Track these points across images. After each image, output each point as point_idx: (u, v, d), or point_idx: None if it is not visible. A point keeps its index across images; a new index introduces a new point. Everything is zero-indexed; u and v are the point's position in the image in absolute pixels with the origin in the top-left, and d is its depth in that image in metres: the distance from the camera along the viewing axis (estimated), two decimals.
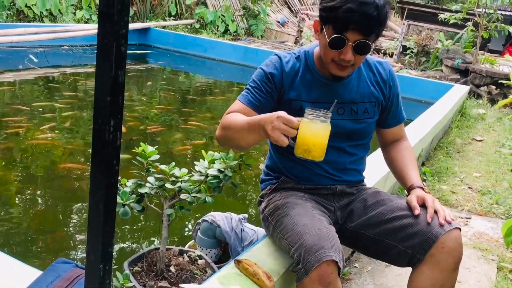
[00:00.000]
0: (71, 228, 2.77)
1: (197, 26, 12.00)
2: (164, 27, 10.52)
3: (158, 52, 9.47)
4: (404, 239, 1.58)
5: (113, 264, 1.06)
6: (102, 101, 0.92)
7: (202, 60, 9.45)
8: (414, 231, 1.56)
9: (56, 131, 4.33)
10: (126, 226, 2.71)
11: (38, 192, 3.20)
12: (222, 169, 1.65)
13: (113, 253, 1.05)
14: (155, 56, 9.28)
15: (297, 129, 1.33)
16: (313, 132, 1.32)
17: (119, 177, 1.80)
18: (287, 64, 1.69)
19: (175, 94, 6.74)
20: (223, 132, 1.58)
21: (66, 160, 3.73)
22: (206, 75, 8.86)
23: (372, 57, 1.81)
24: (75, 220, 2.86)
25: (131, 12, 10.95)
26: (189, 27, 11.84)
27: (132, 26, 8.88)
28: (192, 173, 1.77)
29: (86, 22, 9.82)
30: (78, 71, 7.25)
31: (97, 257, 1.00)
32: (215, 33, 12.05)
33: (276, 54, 1.75)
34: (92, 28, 8.37)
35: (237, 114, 1.57)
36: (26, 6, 8.91)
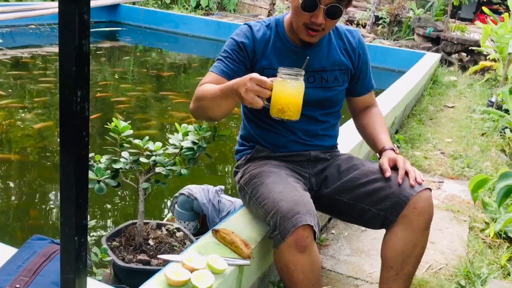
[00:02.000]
0: (44, 205, 2.75)
1: (168, 1, 11.76)
2: (134, 3, 10.27)
3: (129, 29, 9.27)
4: (377, 202, 1.62)
5: (91, 241, 1.06)
6: (67, 72, 0.91)
7: (174, 36, 9.30)
8: (386, 193, 1.60)
9: (27, 112, 4.23)
10: (102, 202, 2.70)
11: (11, 172, 3.15)
12: (196, 141, 1.65)
13: (91, 230, 1.05)
14: (126, 33, 9.08)
15: (271, 90, 1.33)
16: (287, 91, 1.32)
17: (93, 154, 1.79)
18: (258, 32, 1.69)
19: (148, 72, 6.64)
20: (196, 104, 1.58)
21: (37, 139, 3.66)
22: (179, 51, 8.74)
23: (342, 26, 1.81)
24: (47, 197, 2.84)
25: None
26: (159, 2, 11.59)
27: (100, 2, 8.65)
28: (167, 146, 1.77)
29: (53, 0, 9.50)
30: (47, 51, 7.06)
31: (71, 229, 0.99)
32: (187, 8, 11.84)
33: (246, 24, 1.74)
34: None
35: (210, 85, 1.57)
36: None
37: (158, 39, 9.23)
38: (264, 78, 1.35)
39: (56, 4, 8.29)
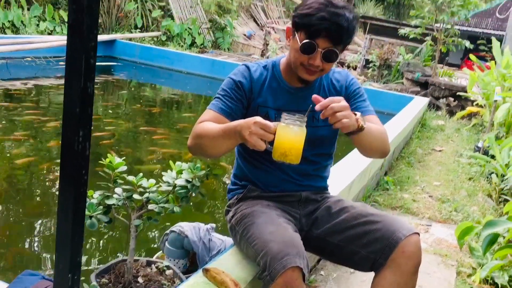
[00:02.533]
0: (36, 241, 2.72)
1: (164, 38, 11.98)
2: (130, 39, 10.46)
3: (124, 64, 9.40)
4: (367, 244, 1.64)
5: (80, 276, 1.06)
6: (71, 112, 0.94)
7: (169, 72, 9.44)
8: (376, 236, 1.63)
9: (18, 144, 4.24)
10: (93, 237, 2.69)
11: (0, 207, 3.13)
12: (190, 179, 1.68)
13: (81, 265, 1.06)
14: (121, 68, 9.20)
15: (274, 134, 1.38)
16: (290, 136, 1.38)
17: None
18: (255, 72, 1.76)
19: (141, 107, 6.71)
20: (196, 141, 1.61)
21: (28, 174, 3.66)
22: (173, 87, 8.85)
23: (332, 67, 1.87)
24: (40, 234, 2.81)
25: None
26: (155, 39, 11.80)
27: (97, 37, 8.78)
28: (160, 183, 1.79)
29: (49, 34, 9.65)
30: (41, 83, 7.11)
31: (65, 266, 1.01)
32: (182, 46, 12.06)
33: (244, 64, 1.81)
34: (56, 40, 8.25)
35: (210, 123, 1.61)
36: None
37: (153, 75, 9.37)
38: (268, 122, 1.40)
39: (52, 38, 8.44)
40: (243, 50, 14.03)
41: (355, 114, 1.54)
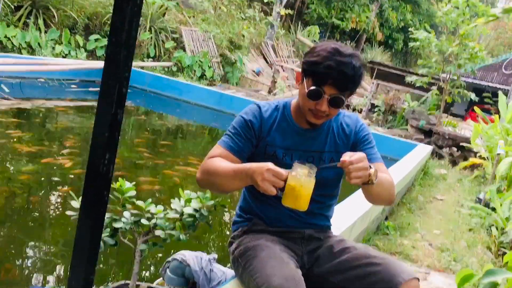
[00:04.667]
0: (42, 259, 2.75)
1: (175, 69, 12.20)
2: (142, 67, 10.66)
3: (134, 92, 9.55)
4: (367, 286, 1.66)
5: None
6: (100, 136, 1.00)
7: (177, 102, 9.58)
8: (376, 279, 1.65)
9: (19, 164, 4.29)
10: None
11: None
12: (198, 209, 1.72)
13: (93, 284, 1.10)
14: (130, 95, 9.29)
15: (285, 181, 1.45)
16: (300, 187, 1.45)
17: None
18: (266, 112, 1.82)
19: (147, 135, 6.79)
20: (205, 177, 1.67)
21: (29, 194, 3.69)
22: (180, 117, 8.96)
23: (342, 111, 1.93)
24: (44, 253, 2.84)
25: None
26: (166, 69, 12.02)
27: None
28: (168, 211, 1.83)
29: (64, 57, 9.86)
30: (52, 104, 7.23)
31: (79, 284, 1.04)
32: (192, 77, 12.27)
33: (255, 103, 1.87)
34: (71, 64, 8.44)
35: (220, 160, 1.66)
36: (5, 37, 8.92)
37: (161, 104, 9.50)
38: (280, 170, 1.47)
39: (67, 61, 8.62)
40: (251, 85, 14.25)
41: (371, 167, 1.57)
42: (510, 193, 3.96)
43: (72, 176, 4.20)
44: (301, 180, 1.45)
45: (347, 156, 1.52)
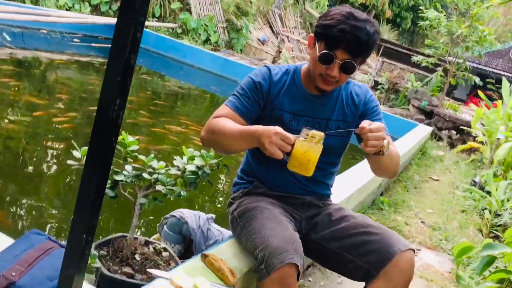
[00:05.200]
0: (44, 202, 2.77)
1: (179, 31, 12.03)
2: (146, 27, 10.50)
3: None
4: (362, 254, 1.68)
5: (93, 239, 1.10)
6: (112, 80, 0.99)
7: (180, 65, 9.49)
8: (372, 248, 1.67)
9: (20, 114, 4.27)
10: None
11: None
12: (201, 166, 1.72)
13: (95, 229, 1.10)
14: None
15: (292, 145, 1.44)
16: (307, 152, 1.44)
17: None
18: (276, 75, 1.79)
19: (146, 95, 6.73)
20: (210, 136, 1.66)
21: (30, 141, 3.69)
22: (182, 80, 8.89)
23: (352, 80, 1.91)
24: (45, 195, 2.86)
25: (115, 8, 10.88)
26: (171, 30, 11.85)
27: (113, 20, 8.84)
28: (170, 167, 1.83)
29: (68, 10, 9.69)
30: (53, 57, 7.15)
31: (82, 227, 1.05)
32: (196, 41, 12.11)
33: (266, 66, 1.85)
34: (74, 17, 8.29)
35: (226, 120, 1.65)
36: None
37: (164, 65, 9.41)
38: (288, 135, 1.45)
39: (70, 14, 8.46)
40: (255, 54, 14.10)
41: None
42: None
43: (63, 129, 4.18)
44: (308, 145, 1.44)
45: (366, 124, 1.50)
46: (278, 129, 1.47)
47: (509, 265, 1.97)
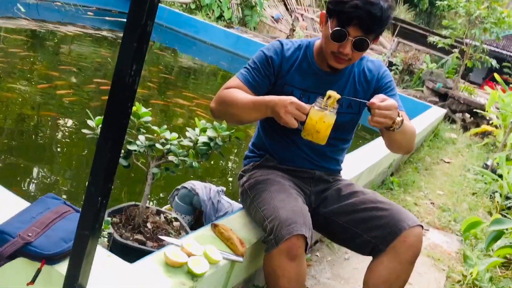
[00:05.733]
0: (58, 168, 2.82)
1: (193, 6, 11.94)
2: (160, 1, 10.44)
3: None
4: (371, 229, 1.70)
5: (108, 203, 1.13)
6: (128, 46, 1.00)
7: (193, 41, 9.45)
8: (380, 223, 1.68)
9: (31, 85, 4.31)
10: None
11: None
12: (213, 138, 1.74)
13: (110, 192, 1.12)
14: None
15: (306, 115, 1.48)
16: (322, 120, 1.48)
17: None
18: (288, 51, 1.79)
19: (159, 70, 6.74)
20: (221, 106, 1.67)
21: (44, 110, 3.73)
22: (195, 56, 8.87)
23: (366, 56, 1.89)
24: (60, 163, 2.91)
25: None
26: (184, 6, 11.77)
27: None
28: (182, 139, 1.85)
29: None
30: (66, 30, 7.16)
31: (97, 189, 1.07)
32: (210, 17, 12.03)
33: (278, 40, 1.84)
34: None
35: (238, 91, 1.66)
36: None
37: (177, 41, 9.37)
38: (303, 104, 1.48)
39: None
40: (269, 32, 13.98)
41: (399, 115, 1.56)
42: None
43: (74, 101, 4.21)
44: (323, 114, 1.47)
45: (377, 99, 1.51)
46: (293, 98, 1.49)
47: None
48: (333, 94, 1.50)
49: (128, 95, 1.02)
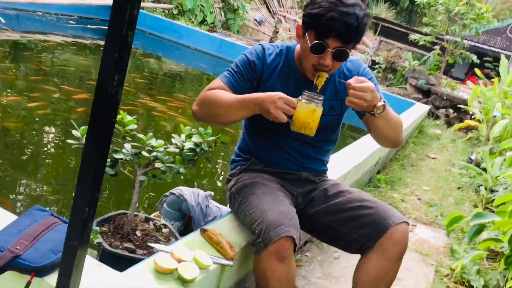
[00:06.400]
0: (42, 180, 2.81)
1: (175, 12, 11.92)
2: (142, 8, 10.41)
3: None
4: (358, 227, 1.73)
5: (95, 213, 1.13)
6: (110, 57, 1.01)
7: (176, 46, 9.44)
8: (367, 221, 1.71)
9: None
10: None
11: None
12: (199, 143, 1.75)
13: (97, 203, 1.13)
14: None
15: (294, 109, 1.53)
16: (310, 112, 1.53)
17: None
18: (270, 56, 1.80)
19: (143, 76, 6.72)
20: (205, 108, 1.67)
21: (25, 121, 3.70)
22: (179, 61, 8.86)
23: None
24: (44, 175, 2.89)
25: None
26: (166, 11, 11.75)
27: (108, 1, 8.77)
28: (168, 145, 1.86)
29: None
30: (48, 39, 7.11)
31: (84, 200, 1.08)
32: (192, 22, 12.03)
33: (261, 44, 1.86)
34: None
35: (221, 91, 1.67)
36: None
37: (160, 47, 9.36)
38: (291, 98, 1.52)
39: None
40: (252, 34, 14.02)
41: (381, 100, 1.60)
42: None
43: (59, 111, 4.20)
44: (310, 106, 1.52)
45: (353, 80, 1.56)
46: (281, 93, 1.53)
47: (499, 234, 2.03)
48: (324, 74, 1.59)
49: (112, 105, 1.03)
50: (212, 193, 2.26)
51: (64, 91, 4.79)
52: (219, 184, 3.62)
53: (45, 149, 3.46)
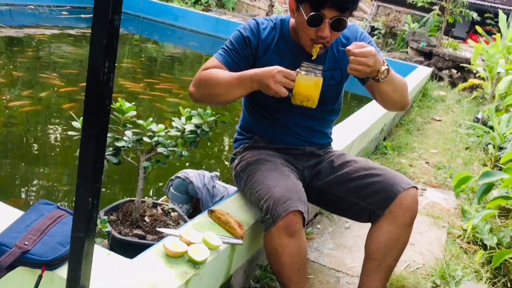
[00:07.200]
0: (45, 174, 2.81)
1: None
2: None
3: (127, 18, 9.28)
4: (366, 196, 1.71)
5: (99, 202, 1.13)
6: (98, 44, 0.98)
7: (172, 28, 9.35)
8: (375, 189, 1.69)
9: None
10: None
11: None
12: (199, 125, 1.73)
13: (100, 192, 1.12)
14: (124, 22, 9.06)
15: (294, 81, 1.49)
16: (310, 83, 1.50)
17: None
18: (264, 31, 1.76)
19: (142, 63, 6.68)
20: (202, 88, 1.64)
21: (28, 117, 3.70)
22: (176, 43, 8.79)
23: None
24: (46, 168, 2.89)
25: None
26: None
27: None
28: (169, 129, 1.84)
29: None
30: (42, 32, 7.05)
31: (86, 191, 1.07)
32: (186, 3, 11.88)
33: (254, 19, 1.81)
34: None
35: (218, 70, 1.64)
36: None
37: (156, 30, 9.27)
38: (290, 71, 1.48)
39: None
40: (247, 10, 13.85)
41: (384, 63, 1.55)
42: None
43: (60, 103, 4.19)
44: (310, 78, 1.49)
45: (353, 46, 1.51)
46: (279, 67, 1.50)
47: (509, 191, 2.01)
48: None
49: (104, 92, 1.01)
50: (218, 174, 2.25)
51: (61, 83, 4.77)
52: (226, 163, 3.62)
53: (47, 141, 3.46)
